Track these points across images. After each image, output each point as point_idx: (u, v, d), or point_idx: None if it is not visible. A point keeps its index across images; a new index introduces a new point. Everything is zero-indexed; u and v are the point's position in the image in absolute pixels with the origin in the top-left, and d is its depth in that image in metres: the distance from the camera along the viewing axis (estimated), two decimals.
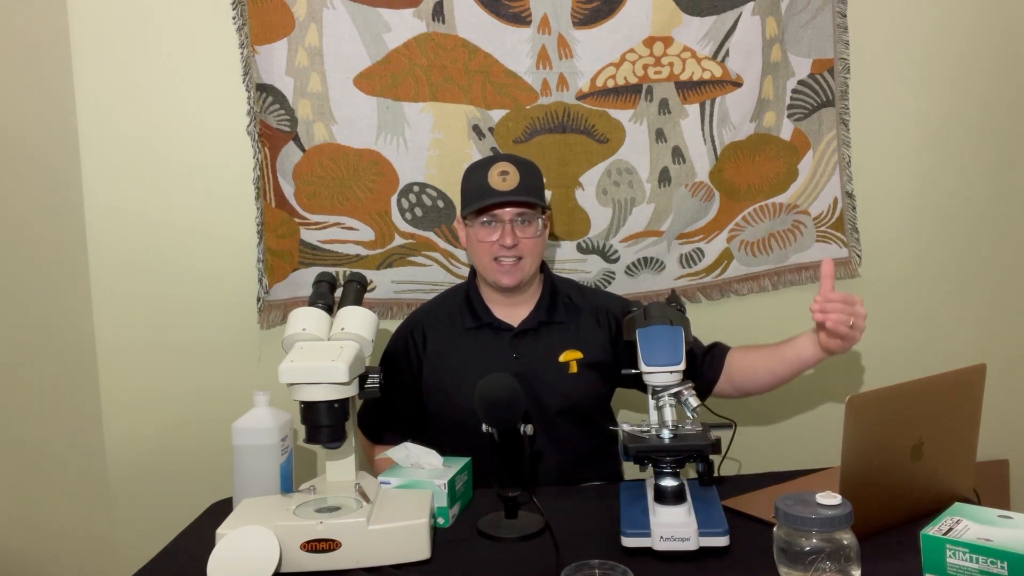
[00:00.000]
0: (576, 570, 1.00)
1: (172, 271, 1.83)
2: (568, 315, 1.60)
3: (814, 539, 0.96)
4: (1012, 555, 0.89)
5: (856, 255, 1.99)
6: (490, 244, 1.52)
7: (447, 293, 1.72)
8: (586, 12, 1.82)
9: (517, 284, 1.54)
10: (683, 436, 1.15)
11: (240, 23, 1.76)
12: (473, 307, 1.60)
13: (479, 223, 1.53)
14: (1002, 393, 1.99)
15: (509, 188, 1.50)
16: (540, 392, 1.52)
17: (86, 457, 1.81)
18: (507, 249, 1.51)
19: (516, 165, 1.53)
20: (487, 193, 1.51)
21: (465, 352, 1.57)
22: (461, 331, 1.59)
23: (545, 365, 1.54)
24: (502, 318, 1.59)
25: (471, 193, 1.55)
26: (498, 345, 1.56)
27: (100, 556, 1.81)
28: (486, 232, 1.53)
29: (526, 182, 1.52)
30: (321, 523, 1.11)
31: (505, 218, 1.51)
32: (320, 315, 1.33)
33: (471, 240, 1.57)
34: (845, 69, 1.94)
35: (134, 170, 1.81)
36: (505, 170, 1.52)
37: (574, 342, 1.57)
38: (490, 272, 1.54)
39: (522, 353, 1.55)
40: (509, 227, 1.51)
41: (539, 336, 1.57)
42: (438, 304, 1.68)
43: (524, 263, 1.53)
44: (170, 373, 1.85)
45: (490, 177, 1.51)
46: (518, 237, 1.51)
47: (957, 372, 1.18)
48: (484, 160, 1.58)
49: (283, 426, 1.36)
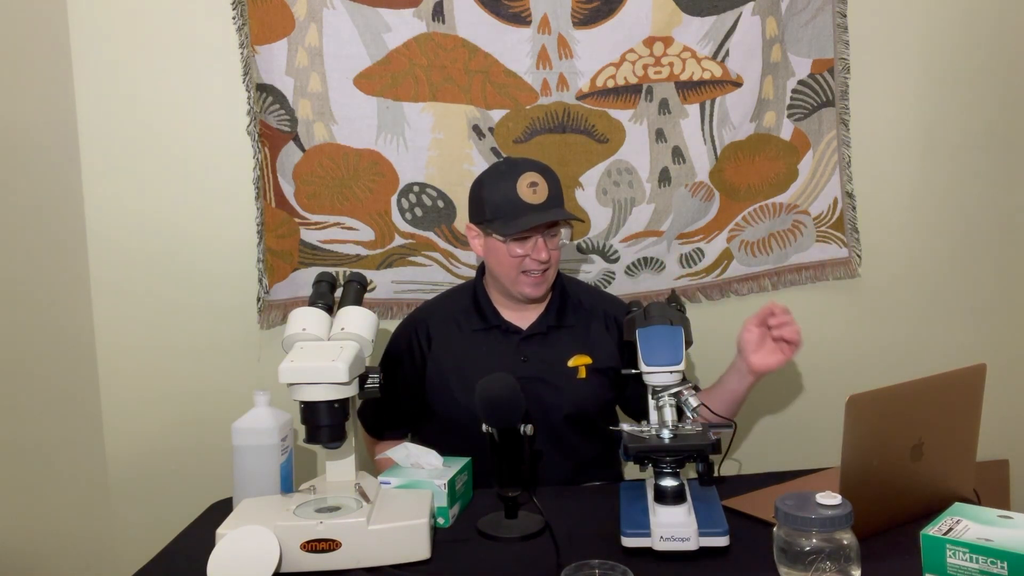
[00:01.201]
0: (576, 570, 1.00)
1: (172, 271, 1.83)
2: (578, 319, 1.58)
3: (814, 539, 0.96)
4: (1012, 555, 0.89)
5: (856, 255, 1.99)
6: (520, 258, 1.47)
7: (451, 292, 1.68)
8: (586, 12, 1.82)
9: (544, 295, 1.53)
10: (683, 436, 1.15)
11: (240, 23, 1.76)
12: (481, 308, 1.57)
13: (513, 238, 1.47)
14: (1002, 393, 1.99)
15: (541, 200, 1.45)
16: (547, 397, 1.50)
17: (86, 457, 1.81)
18: (540, 263, 1.47)
19: (541, 173, 1.48)
20: (520, 208, 1.45)
21: (472, 354, 1.54)
22: (468, 332, 1.57)
23: (554, 370, 1.52)
24: (511, 320, 1.56)
25: (498, 206, 1.47)
26: (506, 348, 1.54)
27: (100, 556, 1.81)
28: (517, 245, 1.47)
29: (554, 192, 1.48)
30: (321, 523, 1.11)
31: (538, 233, 1.47)
32: (320, 315, 1.33)
33: (495, 251, 1.50)
34: (845, 69, 1.94)
35: (134, 170, 1.81)
36: (534, 181, 1.46)
37: (584, 347, 1.55)
38: (516, 284, 1.50)
39: (530, 357, 1.53)
40: (542, 241, 1.46)
41: (548, 340, 1.55)
42: (443, 303, 1.65)
43: (550, 273, 1.52)
44: (170, 373, 1.85)
45: (519, 189, 1.45)
46: (549, 250, 1.48)
47: (957, 372, 1.18)
48: (505, 167, 1.51)
49: (283, 426, 1.35)
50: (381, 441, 1.65)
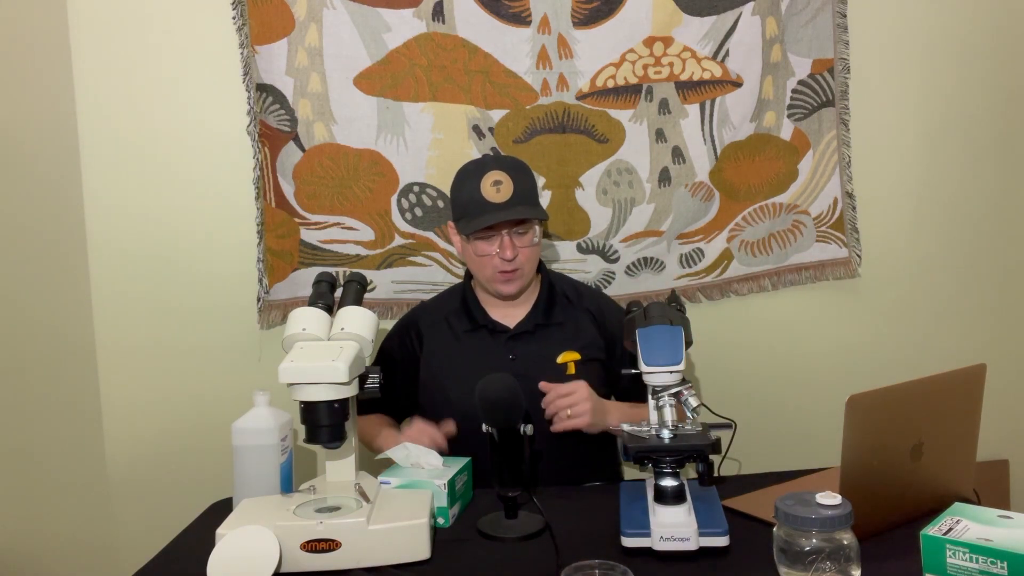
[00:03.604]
0: (576, 570, 1.00)
1: (172, 271, 1.83)
2: (565, 315, 1.59)
3: (814, 539, 0.96)
4: (1012, 555, 0.89)
5: (856, 255, 1.99)
6: (489, 257, 1.50)
7: (444, 295, 1.71)
8: (586, 12, 1.82)
9: (518, 292, 1.55)
10: (683, 436, 1.15)
11: (240, 23, 1.76)
12: (469, 309, 1.59)
13: (476, 237, 1.50)
14: (1002, 393, 1.99)
15: (504, 199, 1.47)
16: (538, 394, 1.50)
17: (86, 457, 1.81)
18: (507, 262, 1.49)
19: (508, 171, 1.49)
20: (481, 207, 1.48)
21: (462, 354, 1.56)
22: (459, 333, 1.58)
23: (542, 367, 1.53)
24: (498, 319, 1.58)
25: (464, 206, 1.51)
26: (494, 347, 1.56)
27: (100, 556, 1.81)
28: (483, 245, 1.50)
29: (520, 189, 1.49)
30: (321, 523, 1.11)
31: (502, 231, 1.49)
32: (320, 315, 1.33)
33: (467, 251, 1.55)
34: (845, 69, 1.94)
35: (134, 170, 1.81)
36: (498, 179, 1.48)
37: (572, 342, 1.56)
38: (490, 283, 1.54)
39: (519, 355, 1.55)
40: (508, 239, 1.49)
41: (536, 338, 1.57)
42: (435, 305, 1.68)
43: (523, 271, 1.53)
44: (170, 373, 1.85)
45: (483, 188, 1.48)
46: (516, 248, 1.49)
47: (957, 372, 1.18)
48: (474, 166, 1.54)
49: (283, 426, 1.36)
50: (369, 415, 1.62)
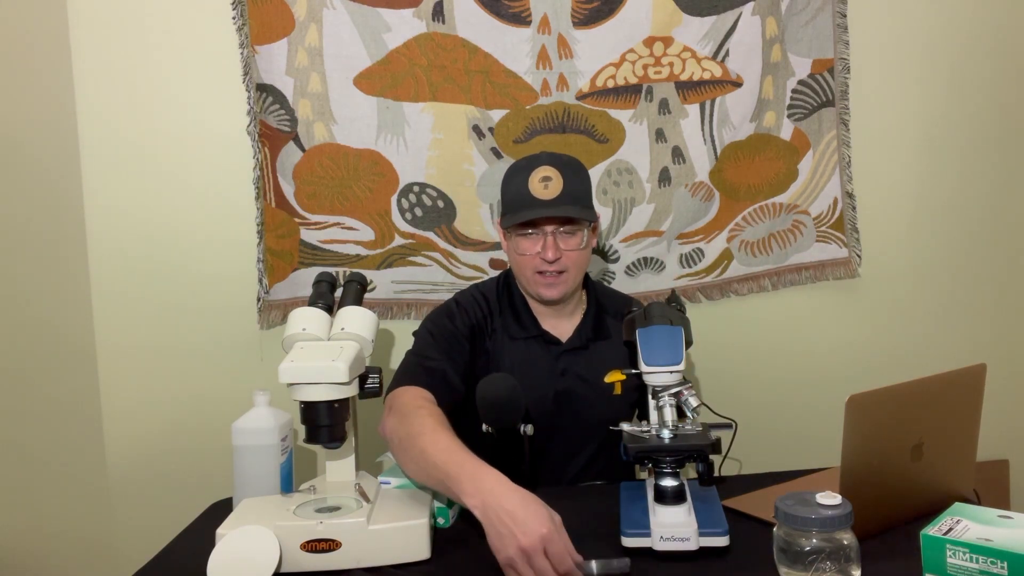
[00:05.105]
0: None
1: (172, 271, 1.83)
2: (615, 331, 1.52)
3: (814, 539, 0.96)
4: (1012, 555, 0.89)
5: (856, 255, 1.99)
6: (531, 257, 1.42)
7: (488, 293, 1.55)
8: (586, 12, 1.82)
9: (560, 298, 1.46)
10: (683, 436, 1.15)
11: (240, 23, 1.76)
12: (519, 316, 1.51)
13: (519, 234, 1.43)
14: (1002, 393, 1.99)
15: (552, 196, 1.39)
16: (581, 411, 1.47)
17: (86, 457, 1.81)
18: (549, 263, 1.41)
19: (559, 168, 1.41)
20: (527, 202, 1.40)
21: (515, 360, 1.47)
22: (518, 338, 1.50)
23: (590, 385, 1.48)
24: (549, 330, 1.50)
25: (510, 201, 1.44)
26: (546, 359, 1.49)
27: (100, 556, 1.81)
28: (527, 243, 1.42)
29: (570, 188, 1.40)
30: (321, 523, 1.11)
31: (547, 229, 1.41)
32: (320, 315, 1.33)
33: (511, 250, 1.47)
34: (845, 69, 1.94)
35: (134, 170, 1.81)
36: (547, 175, 1.40)
37: (619, 360, 1.46)
38: (532, 284, 1.46)
39: (568, 371, 1.49)
40: (552, 239, 1.40)
41: (586, 354, 1.50)
42: (489, 301, 1.53)
43: (567, 276, 1.44)
44: (170, 373, 1.85)
45: (531, 183, 1.40)
46: (561, 250, 1.41)
47: (957, 372, 1.18)
48: (526, 161, 1.46)
49: (283, 426, 1.36)
50: (411, 387, 1.37)
